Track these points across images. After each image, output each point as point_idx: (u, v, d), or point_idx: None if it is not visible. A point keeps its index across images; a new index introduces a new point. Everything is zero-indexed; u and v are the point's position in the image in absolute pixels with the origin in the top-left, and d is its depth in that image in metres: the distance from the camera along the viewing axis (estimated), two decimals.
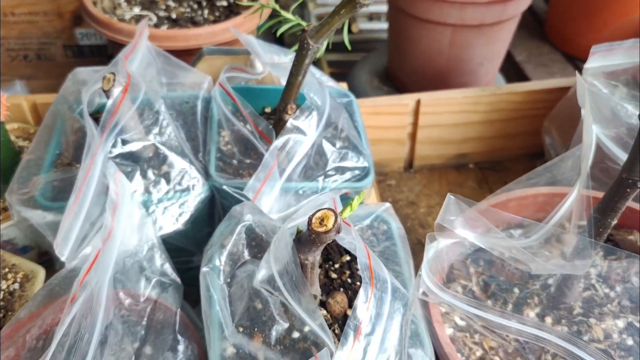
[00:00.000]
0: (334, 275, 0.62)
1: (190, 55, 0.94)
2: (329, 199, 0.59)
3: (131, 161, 0.68)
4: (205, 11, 1.08)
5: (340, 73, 1.34)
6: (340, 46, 1.46)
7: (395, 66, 1.22)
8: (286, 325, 0.55)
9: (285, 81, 0.69)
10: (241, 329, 0.55)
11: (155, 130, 0.71)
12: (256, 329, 0.55)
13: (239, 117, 0.74)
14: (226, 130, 0.75)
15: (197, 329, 0.60)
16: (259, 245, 0.63)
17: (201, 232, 0.75)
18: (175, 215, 0.69)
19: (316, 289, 0.58)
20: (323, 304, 0.59)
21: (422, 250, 0.59)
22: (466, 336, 0.61)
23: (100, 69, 0.74)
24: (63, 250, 0.56)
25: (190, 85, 0.81)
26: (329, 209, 0.48)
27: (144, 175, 0.68)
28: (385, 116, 1.01)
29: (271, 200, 0.65)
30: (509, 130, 1.08)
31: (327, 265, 0.63)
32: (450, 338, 0.59)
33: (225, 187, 0.68)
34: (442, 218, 0.53)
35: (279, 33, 0.69)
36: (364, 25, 1.50)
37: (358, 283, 0.61)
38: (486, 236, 0.57)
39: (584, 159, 0.60)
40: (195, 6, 1.09)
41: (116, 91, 0.63)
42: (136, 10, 1.05)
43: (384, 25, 1.50)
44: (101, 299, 0.51)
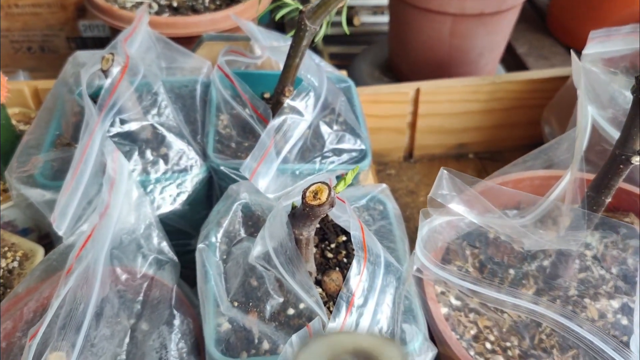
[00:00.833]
0: (330, 255, 0.62)
1: (190, 44, 0.94)
2: (325, 179, 0.59)
3: (129, 141, 0.69)
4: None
5: (341, 65, 1.34)
6: (342, 38, 1.48)
7: (396, 57, 1.22)
8: (281, 300, 0.55)
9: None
10: (236, 304, 0.56)
11: (154, 111, 0.71)
12: (251, 304, 0.56)
13: (238, 101, 0.75)
14: (225, 113, 0.75)
15: (194, 305, 0.61)
16: (255, 224, 0.63)
17: (199, 215, 0.75)
18: (173, 195, 0.69)
19: (311, 266, 0.58)
20: (319, 283, 0.59)
21: None
22: (461, 315, 0.61)
23: (100, 52, 0.75)
24: (60, 225, 0.57)
25: (190, 70, 0.82)
26: (322, 183, 0.48)
27: (142, 155, 0.69)
28: (385, 105, 1.02)
29: (267, 181, 0.65)
30: (508, 119, 1.08)
31: (324, 245, 0.63)
32: (445, 317, 0.60)
33: (222, 168, 0.69)
34: (435, 192, 0.53)
35: (278, 17, 0.69)
36: (367, 19, 1.50)
37: None
38: (481, 214, 0.57)
39: (578, 140, 0.60)
40: None
41: (115, 70, 0.64)
42: None
43: (387, 18, 1.50)
44: (97, 272, 0.52)
